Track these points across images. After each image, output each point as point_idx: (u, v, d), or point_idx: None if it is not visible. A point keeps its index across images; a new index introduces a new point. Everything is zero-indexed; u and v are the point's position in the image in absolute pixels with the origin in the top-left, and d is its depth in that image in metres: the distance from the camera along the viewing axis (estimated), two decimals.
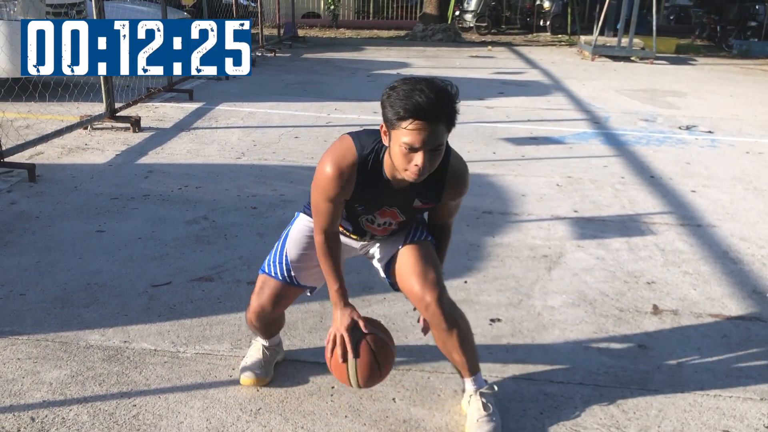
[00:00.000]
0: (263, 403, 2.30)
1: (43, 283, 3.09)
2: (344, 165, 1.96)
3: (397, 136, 1.81)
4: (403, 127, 1.78)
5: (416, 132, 1.77)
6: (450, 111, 1.81)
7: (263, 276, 2.29)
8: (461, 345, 2.12)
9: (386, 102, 1.82)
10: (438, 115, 1.78)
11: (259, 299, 2.27)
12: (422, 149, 1.80)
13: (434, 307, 2.06)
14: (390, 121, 1.82)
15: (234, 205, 4.18)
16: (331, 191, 1.99)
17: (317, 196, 2.04)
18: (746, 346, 2.77)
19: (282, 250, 2.28)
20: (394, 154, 1.85)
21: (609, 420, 2.27)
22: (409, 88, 1.78)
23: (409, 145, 1.80)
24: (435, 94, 1.77)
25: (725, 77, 11.16)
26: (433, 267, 2.14)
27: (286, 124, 6.58)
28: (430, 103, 1.75)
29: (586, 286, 3.25)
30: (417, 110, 1.75)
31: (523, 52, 14.36)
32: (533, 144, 6.06)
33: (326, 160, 1.98)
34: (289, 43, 14.20)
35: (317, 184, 2.02)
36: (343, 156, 1.97)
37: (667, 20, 20.40)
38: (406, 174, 1.87)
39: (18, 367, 2.45)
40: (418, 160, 1.81)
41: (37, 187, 4.40)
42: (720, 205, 4.52)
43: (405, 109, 1.76)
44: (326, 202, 2.02)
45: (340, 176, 1.96)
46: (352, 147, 1.98)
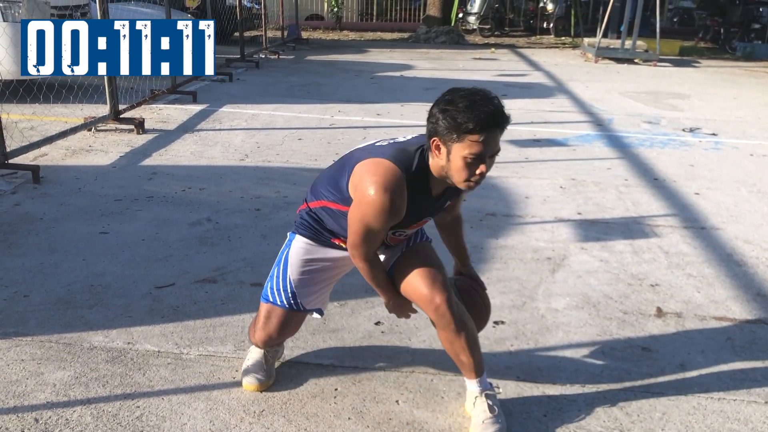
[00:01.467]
0: (266, 405, 2.30)
1: (47, 285, 3.09)
2: (398, 192, 1.92)
3: (462, 149, 1.84)
4: (472, 139, 1.82)
5: (485, 142, 1.82)
6: (508, 116, 1.87)
7: (267, 306, 2.27)
8: (469, 346, 2.12)
9: (445, 116, 1.83)
10: (502, 122, 1.84)
11: (267, 330, 2.27)
12: (487, 157, 1.86)
13: (444, 309, 2.06)
14: (452, 134, 1.84)
15: (237, 207, 4.19)
16: (387, 220, 1.96)
17: (373, 224, 1.96)
18: (750, 349, 2.76)
19: (285, 277, 2.25)
20: (456, 167, 1.87)
21: (612, 423, 2.26)
22: (468, 100, 1.82)
23: (476, 155, 1.83)
24: (494, 104, 1.83)
25: (729, 79, 11.14)
26: (440, 269, 2.15)
27: (289, 126, 6.59)
28: (497, 113, 1.82)
29: (590, 289, 3.25)
30: (488, 121, 1.81)
31: (526, 54, 14.36)
32: (536, 146, 6.06)
33: (376, 188, 1.91)
34: (293, 45, 14.22)
35: (367, 213, 1.94)
36: (393, 183, 1.92)
37: (671, 22, 20.38)
38: (465, 185, 1.91)
39: (22, 368, 2.46)
40: (483, 168, 1.86)
41: (41, 189, 4.41)
42: (724, 207, 4.51)
43: (475, 121, 1.80)
44: (380, 230, 1.99)
45: (396, 205, 1.93)
46: (397, 170, 1.93)
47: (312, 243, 2.24)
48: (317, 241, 2.24)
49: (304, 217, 2.25)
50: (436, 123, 1.87)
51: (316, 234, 2.22)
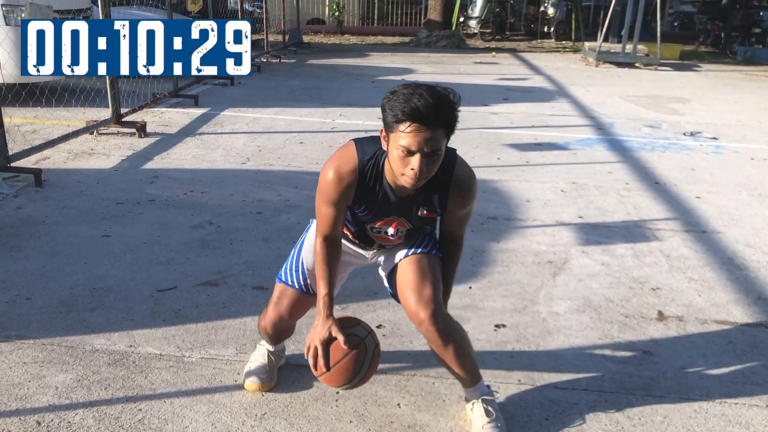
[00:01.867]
0: (268, 408, 2.30)
1: (49, 288, 3.10)
2: (344, 170, 1.98)
3: (395, 140, 1.82)
4: (401, 130, 1.79)
5: (413, 135, 1.78)
6: (449, 117, 1.81)
7: (281, 285, 2.28)
8: (458, 360, 2.11)
9: (386, 105, 1.83)
10: (436, 119, 1.78)
11: (278, 309, 2.26)
12: (419, 153, 1.80)
13: (427, 324, 2.05)
14: (389, 124, 1.83)
15: (239, 210, 4.19)
16: (331, 196, 2.01)
17: (319, 201, 2.05)
18: (752, 352, 2.76)
19: (298, 259, 2.27)
20: (392, 158, 1.86)
21: (614, 426, 2.26)
22: (409, 92, 1.79)
23: (405, 149, 1.79)
24: (434, 99, 1.77)
25: (729, 83, 11.15)
26: (431, 282, 2.10)
27: (291, 129, 6.60)
28: (428, 107, 1.76)
29: (591, 292, 3.25)
30: (415, 113, 1.76)
31: (527, 58, 14.38)
32: (538, 150, 6.07)
33: (328, 165, 2.01)
34: (294, 49, 14.25)
35: (319, 189, 2.04)
36: (344, 161, 1.99)
37: (671, 27, 20.40)
38: (403, 179, 1.86)
39: (24, 371, 2.46)
40: (414, 163, 1.81)
41: (44, 192, 4.42)
42: (725, 211, 4.51)
43: (403, 111, 1.77)
44: (327, 206, 2.04)
45: (339, 181, 1.98)
46: (353, 153, 2.00)
47: None
48: None
49: None
50: (382, 113, 1.86)
51: None
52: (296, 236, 3.79)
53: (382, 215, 2.10)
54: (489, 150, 5.98)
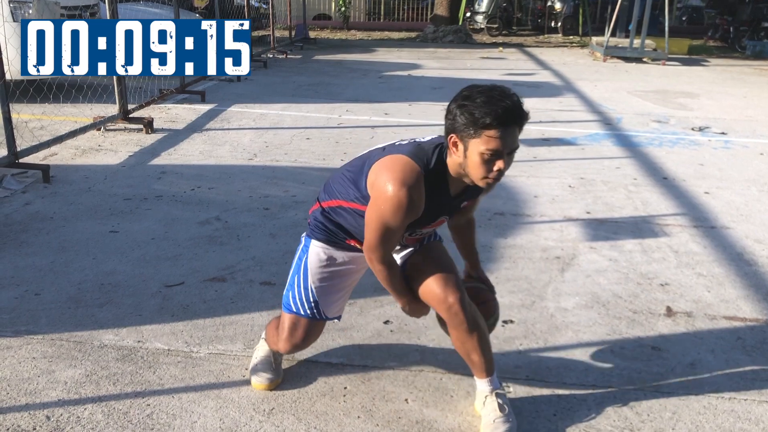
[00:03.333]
0: (276, 404, 2.30)
1: (57, 283, 3.11)
2: (416, 188, 1.90)
3: (478, 144, 1.82)
4: (488, 134, 1.80)
5: (503, 138, 1.81)
6: (526, 113, 1.85)
7: (292, 316, 2.24)
8: (480, 346, 2.12)
9: (463, 111, 1.82)
10: (520, 118, 1.83)
11: (293, 340, 2.26)
12: (505, 153, 1.84)
13: (457, 308, 2.06)
14: (469, 130, 1.82)
15: (246, 206, 4.20)
16: (407, 217, 1.94)
17: (391, 222, 1.94)
18: (761, 348, 2.74)
19: (306, 286, 2.22)
20: (473, 163, 1.85)
21: (623, 422, 2.26)
22: (486, 96, 1.81)
23: (493, 151, 1.81)
24: (512, 100, 1.81)
25: (738, 78, 11.08)
26: (452, 269, 2.15)
27: (297, 125, 6.60)
28: (515, 108, 1.81)
29: (599, 288, 3.24)
30: (505, 116, 1.79)
31: (534, 53, 14.32)
32: (545, 145, 6.05)
33: (394, 185, 1.88)
34: (300, 44, 14.23)
35: (387, 211, 1.92)
36: (411, 178, 1.90)
37: (680, 21, 20.28)
38: (483, 181, 1.89)
39: (33, 366, 2.47)
40: (500, 164, 1.84)
41: (52, 188, 4.43)
42: (734, 206, 4.49)
43: (492, 116, 1.78)
44: (399, 226, 1.96)
45: (414, 201, 1.91)
46: (416, 166, 1.92)
47: (328, 247, 2.20)
48: (333, 244, 2.20)
49: (317, 219, 2.21)
50: (454, 119, 1.85)
51: (331, 236, 2.19)
52: (303, 232, 3.79)
53: (435, 218, 2.10)
54: None
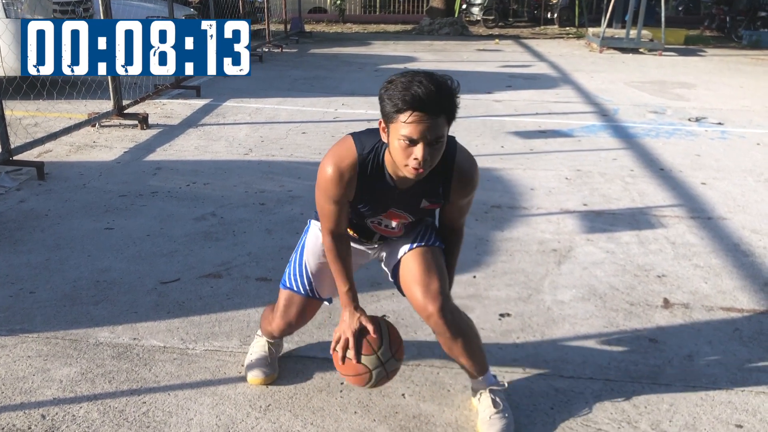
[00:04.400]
0: (273, 400, 2.30)
1: (52, 281, 3.10)
2: (344, 165, 1.93)
3: (396, 130, 1.78)
4: (402, 120, 1.74)
5: (415, 124, 1.73)
6: (449, 103, 1.77)
7: (287, 292, 2.24)
8: (466, 352, 2.10)
9: (384, 95, 1.78)
10: (437, 106, 1.74)
11: (287, 317, 2.24)
12: (422, 141, 1.76)
13: (436, 317, 2.03)
14: (388, 114, 1.78)
15: (242, 202, 4.18)
16: (333, 192, 1.97)
17: (320, 198, 2.01)
18: (758, 339, 2.74)
19: (301, 263, 2.23)
20: (394, 149, 1.81)
21: (620, 415, 2.25)
22: (407, 80, 1.74)
23: (408, 138, 1.75)
24: (434, 86, 1.73)
25: (735, 68, 11.07)
26: (437, 275, 2.08)
27: (293, 119, 6.58)
28: (429, 95, 1.72)
29: (596, 280, 3.23)
30: (416, 102, 1.72)
31: (530, 45, 14.29)
32: (542, 137, 6.03)
33: (327, 160, 1.96)
34: (296, 38, 14.19)
35: (319, 186, 2.00)
36: (343, 156, 1.94)
37: (676, 11, 20.25)
38: (406, 170, 1.82)
39: (28, 364, 2.46)
40: (417, 153, 1.77)
41: (46, 185, 4.41)
42: (731, 197, 4.48)
43: (403, 100, 1.72)
44: (329, 203, 2.00)
45: (340, 177, 1.93)
46: (352, 147, 1.95)
47: None
48: None
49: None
50: (381, 104, 1.81)
51: None
52: (299, 227, 3.78)
53: (383, 209, 2.06)
54: (492, 138, 5.95)
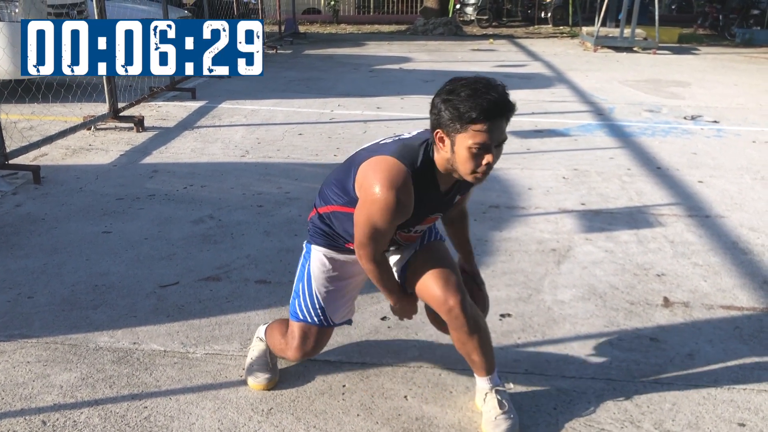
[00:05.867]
0: (275, 403, 2.29)
1: (50, 286, 3.08)
2: (404, 189, 1.87)
3: (465, 139, 1.79)
4: (475, 128, 1.77)
5: (490, 132, 1.77)
6: (513, 104, 1.83)
7: (301, 325, 2.22)
8: (481, 347, 2.11)
9: (448, 106, 1.78)
10: (506, 110, 1.79)
11: (304, 348, 2.23)
12: (493, 147, 1.80)
13: (457, 311, 2.04)
14: (455, 125, 1.79)
15: (240, 204, 4.17)
16: (397, 218, 1.92)
17: (380, 224, 1.92)
18: (759, 337, 2.75)
19: (311, 294, 2.19)
20: (461, 158, 1.82)
21: (623, 414, 2.25)
22: (470, 89, 1.77)
23: (481, 145, 1.78)
24: (498, 92, 1.78)
25: (729, 66, 11.09)
26: (453, 269, 2.12)
27: (289, 121, 6.56)
28: (501, 100, 1.77)
29: (596, 280, 3.24)
30: (492, 111, 1.76)
31: (524, 44, 14.29)
32: (538, 137, 6.03)
33: (383, 187, 1.86)
34: (290, 39, 14.16)
35: (375, 216, 1.90)
36: (398, 179, 1.87)
37: (669, 10, 20.27)
38: (472, 176, 1.85)
39: (28, 370, 2.45)
40: (489, 158, 1.81)
41: (42, 189, 4.39)
42: (728, 195, 4.49)
43: (478, 109, 1.75)
44: (389, 228, 1.95)
45: (405, 202, 1.89)
46: (401, 166, 1.89)
47: (330, 251, 2.18)
48: (334, 248, 2.18)
49: (316, 224, 2.19)
50: (439, 114, 1.81)
51: (332, 240, 2.17)
52: (298, 229, 3.78)
53: (427, 215, 2.07)
54: None
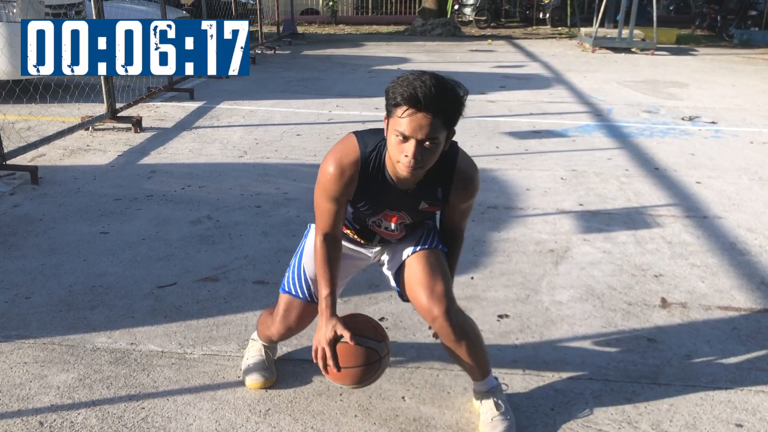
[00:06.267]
0: (272, 404, 2.29)
1: (48, 286, 3.08)
2: (346, 163, 1.94)
3: (393, 125, 1.80)
4: (398, 114, 1.76)
5: (408, 120, 1.74)
6: (449, 107, 1.76)
7: (287, 297, 2.22)
8: (470, 355, 2.09)
9: (389, 90, 1.80)
10: (434, 107, 1.73)
11: (287, 321, 2.22)
12: (413, 139, 1.76)
13: (441, 320, 2.02)
14: (388, 108, 1.81)
15: (238, 204, 4.17)
16: (333, 190, 1.96)
17: (319, 196, 2.01)
18: (756, 338, 2.75)
19: (300, 267, 2.21)
20: (390, 144, 1.83)
21: (620, 415, 2.25)
22: (413, 78, 1.75)
23: (401, 133, 1.77)
24: (436, 87, 1.73)
25: (727, 67, 11.11)
26: (442, 277, 2.07)
27: (287, 121, 6.56)
28: (426, 93, 1.71)
29: (594, 280, 3.24)
30: (412, 98, 1.72)
31: (523, 45, 14.31)
32: (536, 138, 6.04)
33: (328, 158, 1.96)
34: (289, 40, 14.16)
35: (319, 183, 1.99)
36: (345, 154, 1.95)
37: (667, 11, 20.31)
38: (398, 166, 1.83)
39: (25, 371, 2.44)
40: (408, 150, 1.77)
41: (40, 189, 4.38)
42: (725, 196, 4.49)
43: (402, 95, 1.74)
44: (327, 202, 1.99)
45: (341, 175, 1.94)
46: (355, 145, 1.96)
47: None
48: None
49: None
50: (385, 96, 1.83)
51: None
52: (296, 229, 3.78)
53: (383, 209, 2.06)
54: (487, 138, 5.95)
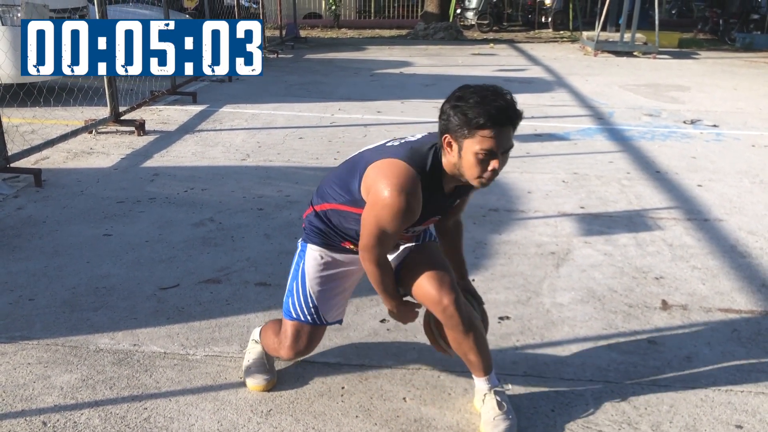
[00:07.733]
0: (274, 405, 2.30)
1: (51, 288, 3.10)
2: (414, 192, 1.88)
3: (472, 144, 1.82)
4: (482, 134, 1.80)
5: (497, 138, 1.80)
6: (520, 112, 1.85)
7: (294, 323, 2.23)
8: (477, 346, 2.12)
9: (456, 112, 1.82)
10: (514, 118, 1.82)
11: (297, 347, 2.24)
12: (500, 153, 1.84)
13: (452, 310, 2.05)
14: (463, 130, 1.82)
15: (240, 207, 4.19)
16: (409, 220, 1.94)
17: (389, 226, 1.93)
18: (757, 340, 2.76)
19: (305, 292, 2.21)
20: (467, 163, 1.85)
21: (620, 416, 2.26)
22: (479, 96, 1.81)
23: (488, 151, 1.81)
24: (506, 100, 1.81)
25: (729, 71, 11.12)
26: (447, 270, 2.13)
27: (290, 125, 6.58)
28: (508, 107, 1.80)
29: (595, 283, 3.25)
30: (500, 117, 1.79)
31: (525, 49, 14.34)
32: (538, 141, 6.05)
33: (391, 191, 1.87)
34: (291, 44, 14.22)
35: (385, 218, 1.91)
36: (408, 182, 1.88)
37: (669, 14, 20.35)
38: (477, 181, 1.88)
39: (29, 371, 2.46)
40: (495, 164, 1.84)
41: (44, 192, 4.41)
42: (727, 198, 4.50)
43: (486, 116, 1.78)
44: (396, 232, 1.96)
45: (414, 205, 1.90)
46: (410, 169, 1.90)
47: (325, 250, 2.20)
48: (329, 247, 2.19)
49: (312, 222, 2.20)
50: (448, 120, 1.85)
51: (327, 239, 2.18)
52: (298, 232, 3.77)
53: (428, 217, 2.09)
54: None
